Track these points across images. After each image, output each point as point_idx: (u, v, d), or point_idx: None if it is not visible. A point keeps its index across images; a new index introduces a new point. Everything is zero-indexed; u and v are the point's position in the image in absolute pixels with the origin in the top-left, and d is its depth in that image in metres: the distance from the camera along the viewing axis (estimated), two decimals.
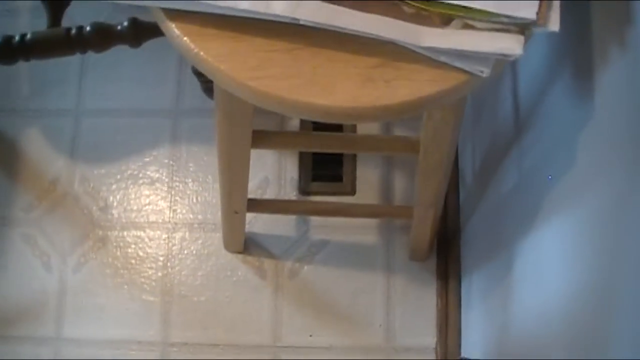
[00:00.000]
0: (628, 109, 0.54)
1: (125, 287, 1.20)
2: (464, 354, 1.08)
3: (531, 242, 0.78)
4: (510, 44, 0.49)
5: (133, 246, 1.22)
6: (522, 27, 0.50)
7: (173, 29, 0.54)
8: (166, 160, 1.26)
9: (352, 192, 1.24)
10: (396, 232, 1.22)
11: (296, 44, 0.53)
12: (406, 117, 0.53)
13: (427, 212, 0.92)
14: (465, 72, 0.52)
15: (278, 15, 0.51)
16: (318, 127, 1.25)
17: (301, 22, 0.51)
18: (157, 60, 1.29)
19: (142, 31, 1.07)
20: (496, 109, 0.92)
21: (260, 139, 0.77)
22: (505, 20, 0.49)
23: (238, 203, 0.95)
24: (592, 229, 0.62)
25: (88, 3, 1.24)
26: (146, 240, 1.22)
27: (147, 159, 1.26)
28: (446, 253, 1.19)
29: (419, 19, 0.51)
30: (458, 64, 0.51)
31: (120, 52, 1.22)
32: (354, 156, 1.25)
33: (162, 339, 1.18)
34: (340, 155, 1.24)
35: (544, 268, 0.73)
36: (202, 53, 0.53)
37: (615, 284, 0.57)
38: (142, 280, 1.20)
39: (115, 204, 1.24)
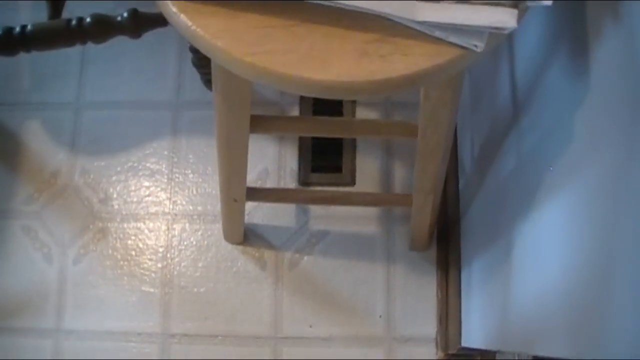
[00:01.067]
0: (625, 83, 0.54)
1: (125, 278, 1.20)
2: (464, 343, 1.08)
3: (530, 224, 0.78)
4: (504, 17, 0.49)
5: (133, 238, 1.22)
6: (515, 1, 0.50)
7: (170, 6, 0.54)
8: (166, 152, 1.27)
9: (352, 182, 1.24)
10: (396, 222, 1.22)
11: (293, 21, 0.53)
12: (401, 92, 0.54)
13: (426, 199, 0.92)
14: (460, 47, 0.52)
15: None
16: (317, 112, 1.26)
17: None
18: (157, 53, 1.30)
19: (142, 22, 1.08)
20: (494, 95, 0.92)
21: (259, 123, 0.77)
22: None
23: (237, 190, 0.95)
24: (591, 206, 0.63)
25: None
26: (146, 231, 1.23)
27: (147, 151, 1.26)
28: (446, 243, 1.19)
29: None
30: (453, 38, 0.52)
31: (120, 45, 1.22)
32: (354, 147, 1.25)
33: (162, 330, 1.18)
34: (340, 146, 1.25)
35: (543, 249, 0.73)
36: (199, 30, 0.53)
37: (614, 260, 0.57)
38: (142, 271, 1.21)
39: (115, 195, 1.24)
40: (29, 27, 1.06)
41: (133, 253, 1.22)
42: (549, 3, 0.50)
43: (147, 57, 1.30)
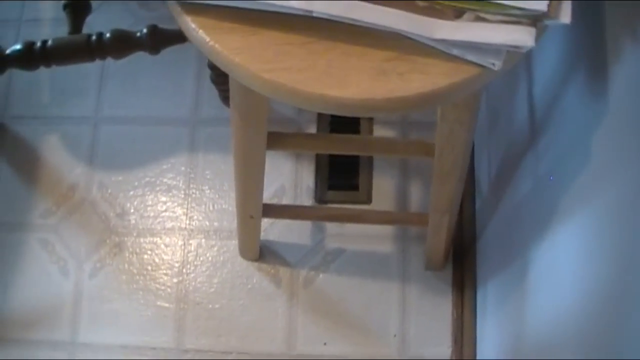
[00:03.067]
0: None
1: (141, 293, 1.20)
2: None
3: (546, 246, 0.77)
4: (521, 36, 0.49)
5: (149, 252, 1.23)
6: (533, 20, 0.50)
7: (189, 22, 0.55)
8: (183, 168, 1.27)
9: (368, 201, 1.24)
10: (412, 242, 1.21)
11: (310, 38, 0.54)
12: (419, 111, 0.54)
13: (442, 219, 0.92)
14: (477, 65, 0.52)
15: (293, 8, 0.52)
16: (335, 130, 1.26)
17: (314, 15, 0.52)
18: (176, 70, 1.31)
19: (161, 38, 1.09)
20: (512, 115, 0.91)
21: (276, 140, 0.77)
22: (517, 12, 0.50)
23: (253, 207, 0.95)
24: (608, 229, 0.62)
25: (108, 12, 1.27)
26: (162, 246, 1.23)
27: (165, 167, 1.27)
28: (462, 262, 1.19)
29: (432, 12, 0.52)
30: (470, 57, 0.52)
31: (139, 62, 1.24)
32: (370, 165, 1.25)
33: (176, 345, 1.18)
34: (357, 164, 1.25)
35: (559, 271, 0.72)
36: (217, 46, 0.53)
37: (631, 286, 0.56)
38: (157, 286, 1.21)
39: (132, 210, 1.25)
40: (49, 42, 1.07)
41: (149, 268, 1.22)
42: (567, 21, 0.50)
43: (166, 73, 1.31)
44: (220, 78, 1.20)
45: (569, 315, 0.68)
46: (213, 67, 1.18)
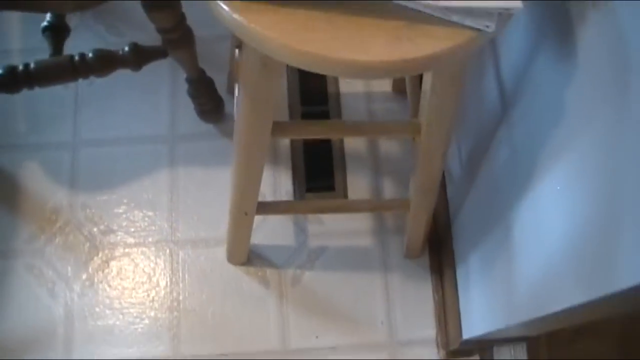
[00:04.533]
0: (609, 59, 0.64)
1: (133, 306, 1.23)
2: (465, 336, 1.14)
3: (527, 205, 0.86)
4: (516, 3, 0.59)
5: (138, 266, 1.26)
6: None
7: (222, 6, 0.61)
8: (165, 184, 1.31)
9: (345, 199, 1.31)
10: (389, 234, 1.29)
11: (331, 14, 0.61)
12: (428, 70, 0.62)
13: (425, 198, 1.00)
14: (474, 29, 0.61)
15: None
16: (308, 141, 1.34)
17: None
18: (151, 89, 1.36)
19: (142, 55, 1.14)
20: (482, 99, 1.01)
21: (279, 128, 0.84)
22: None
23: (249, 203, 1.01)
24: (586, 173, 0.71)
25: (80, 39, 1.31)
26: (150, 259, 1.26)
27: (147, 183, 1.31)
28: (438, 248, 1.27)
29: None
30: (468, 22, 0.61)
31: (113, 84, 1.29)
32: (344, 166, 1.33)
33: (173, 354, 1.21)
34: (331, 166, 1.33)
35: (544, 220, 0.81)
36: (253, 25, 0.60)
37: (613, 214, 0.65)
38: (149, 298, 1.24)
39: (116, 227, 1.28)
40: (32, 64, 1.10)
41: (139, 281, 1.25)
42: None
43: (141, 93, 1.36)
44: (198, 91, 1.26)
45: (559, 253, 0.77)
46: (191, 81, 1.24)
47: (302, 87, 1.37)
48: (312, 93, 1.37)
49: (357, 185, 1.32)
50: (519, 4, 0.60)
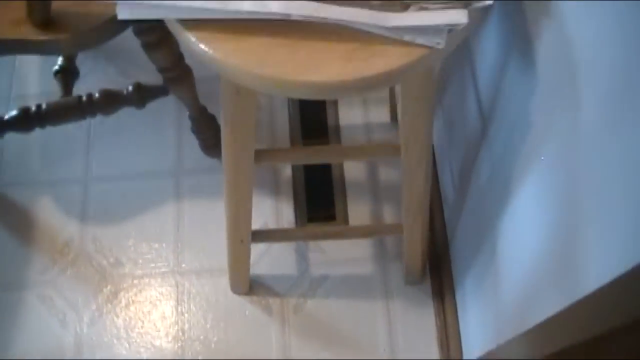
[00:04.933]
0: (564, 67, 0.66)
1: (140, 336, 1.26)
2: (466, 357, 1.14)
3: (508, 218, 0.88)
4: (456, 16, 0.62)
5: (144, 296, 1.30)
6: (464, 2, 0.63)
7: (190, 37, 0.66)
8: (171, 216, 1.36)
9: None
10: (390, 261, 1.31)
11: (289, 39, 0.66)
12: (383, 88, 0.65)
13: (415, 220, 1.02)
14: (425, 47, 0.65)
15: (274, 13, 0.64)
16: (309, 172, 1.38)
17: (292, 18, 0.64)
18: (157, 126, 1.42)
19: (145, 93, 1.21)
20: (465, 119, 1.04)
21: (262, 155, 0.88)
22: None
23: (243, 230, 1.04)
24: (550, 181, 0.73)
25: (92, 82, 1.38)
26: (156, 290, 1.30)
27: (154, 216, 1.36)
28: (439, 272, 1.28)
29: (385, 7, 0.64)
30: (419, 40, 0.64)
31: (122, 122, 1.35)
32: (344, 195, 1.36)
33: None
34: (332, 195, 1.36)
35: (522, 231, 0.83)
36: (214, 53, 0.65)
37: (578, 212, 0.67)
38: (155, 327, 1.27)
39: (125, 259, 1.33)
40: (43, 105, 1.18)
41: (145, 311, 1.28)
42: (490, 3, 0.63)
43: (148, 130, 1.42)
44: (200, 127, 1.31)
45: (536, 262, 0.78)
46: (194, 118, 1.30)
47: (303, 120, 1.42)
48: (313, 126, 1.41)
49: (358, 213, 1.35)
50: (465, 20, 0.63)
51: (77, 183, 1.39)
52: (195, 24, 0.67)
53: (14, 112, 1.17)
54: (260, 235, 1.10)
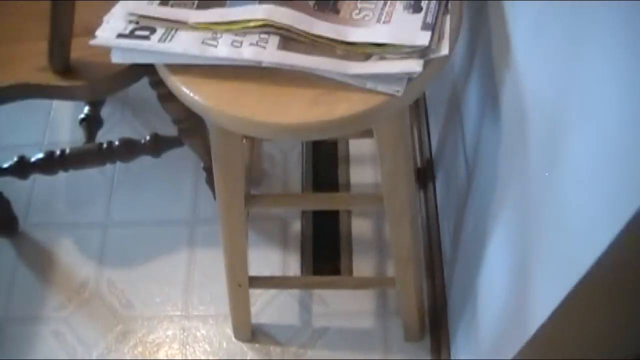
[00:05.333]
0: (520, 119, 0.70)
1: None
2: None
3: (484, 267, 0.90)
4: (412, 65, 0.67)
5: (152, 338, 1.34)
6: (421, 53, 0.68)
7: (174, 80, 0.73)
8: (183, 263, 1.42)
9: None
10: (391, 317, 1.33)
11: (260, 84, 0.72)
12: (347, 131, 0.70)
13: (406, 268, 1.05)
14: (386, 94, 0.70)
15: (247, 60, 0.70)
16: (317, 227, 1.42)
17: (264, 65, 0.70)
18: (175, 177, 1.50)
19: (161, 143, 1.29)
20: (457, 177, 1.08)
21: (254, 200, 0.93)
22: (408, 49, 0.68)
23: (240, 274, 1.09)
24: (510, 230, 0.76)
25: (124, 127, 1.48)
26: (164, 331, 1.35)
27: (166, 262, 1.42)
28: (438, 330, 1.29)
29: (348, 57, 0.70)
30: (380, 87, 0.69)
31: (143, 171, 1.43)
32: (350, 250, 1.40)
33: None
34: (339, 249, 1.40)
35: (494, 279, 0.85)
36: (193, 95, 0.72)
37: (530, 258, 0.69)
38: None
39: (136, 302, 1.38)
40: (67, 150, 1.27)
41: (152, 351, 1.33)
42: (446, 53, 0.68)
43: (167, 180, 1.50)
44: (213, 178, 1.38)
45: (502, 307, 0.80)
46: (207, 169, 1.37)
47: (315, 178, 1.47)
48: (324, 182, 1.46)
49: (363, 267, 1.37)
50: (419, 69, 0.68)
51: (97, 227, 1.47)
52: (180, 68, 0.74)
53: (40, 155, 1.27)
54: (258, 282, 1.14)
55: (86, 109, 1.34)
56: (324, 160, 1.49)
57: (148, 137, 1.29)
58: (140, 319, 1.37)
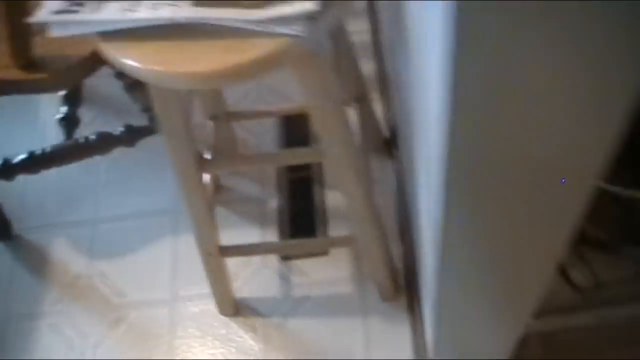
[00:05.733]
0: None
1: (138, 354, 1.37)
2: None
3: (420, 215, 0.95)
4: (306, 5, 0.74)
5: (143, 321, 1.41)
6: None
7: (106, 47, 0.81)
8: (169, 250, 1.49)
9: (325, 253, 1.43)
10: (368, 281, 1.38)
11: (178, 41, 0.79)
12: (261, 74, 0.78)
13: (363, 232, 1.10)
14: (290, 36, 0.77)
15: (162, 18, 0.78)
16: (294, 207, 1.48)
17: (177, 20, 0.78)
18: (157, 170, 1.58)
19: (135, 133, 1.37)
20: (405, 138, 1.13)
21: (207, 163, 1.01)
22: None
23: (209, 243, 1.16)
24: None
25: (93, 124, 1.57)
26: (154, 315, 1.42)
27: (153, 251, 1.49)
28: (411, 289, 1.34)
29: (252, 5, 0.77)
30: (282, 29, 0.76)
31: (126, 167, 1.51)
32: (326, 222, 1.46)
33: None
34: (314, 222, 1.46)
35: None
36: (123, 58, 0.80)
37: None
38: (152, 347, 1.38)
39: (127, 290, 1.46)
40: (47, 148, 1.36)
41: (144, 334, 1.40)
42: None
43: (149, 174, 1.58)
44: None
45: None
46: None
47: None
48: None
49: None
50: (314, 7, 0.75)
51: (87, 224, 1.55)
52: (111, 35, 0.81)
53: (22, 156, 1.35)
54: (229, 251, 1.21)
55: (64, 109, 1.43)
56: (296, 141, 1.56)
57: (122, 128, 1.37)
58: (132, 305, 1.44)
